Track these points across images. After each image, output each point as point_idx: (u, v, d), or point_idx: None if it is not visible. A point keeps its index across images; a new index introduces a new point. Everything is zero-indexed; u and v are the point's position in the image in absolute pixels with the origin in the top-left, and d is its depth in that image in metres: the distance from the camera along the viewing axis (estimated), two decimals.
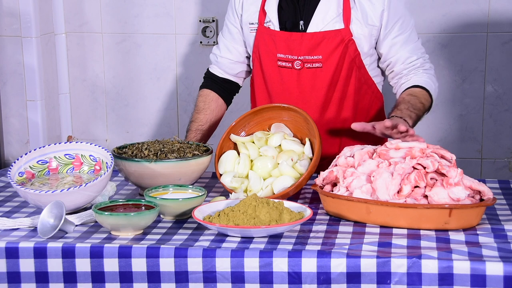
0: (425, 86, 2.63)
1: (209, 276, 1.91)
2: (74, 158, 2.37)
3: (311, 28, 2.64)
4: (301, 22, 2.65)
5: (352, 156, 2.23)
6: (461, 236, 2.03)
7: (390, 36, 2.65)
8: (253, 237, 2.02)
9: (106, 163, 2.29)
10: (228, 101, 2.90)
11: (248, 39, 2.76)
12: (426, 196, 2.11)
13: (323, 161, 2.47)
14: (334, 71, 2.64)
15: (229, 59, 2.82)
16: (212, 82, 2.86)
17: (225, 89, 2.86)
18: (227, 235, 2.03)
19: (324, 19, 2.63)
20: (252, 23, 2.74)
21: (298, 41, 2.64)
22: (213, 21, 3.69)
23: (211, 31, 3.70)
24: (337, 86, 2.66)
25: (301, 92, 2.67)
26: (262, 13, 2.70)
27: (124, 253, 1.94)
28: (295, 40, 2.64)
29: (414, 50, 2.68)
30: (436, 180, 2.12)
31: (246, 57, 2.83)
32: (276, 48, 2.68)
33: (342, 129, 2.70)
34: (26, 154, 2.32)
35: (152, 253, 1.93)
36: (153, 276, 1.93)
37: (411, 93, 2.61)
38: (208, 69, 2.89)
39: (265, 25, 2.69)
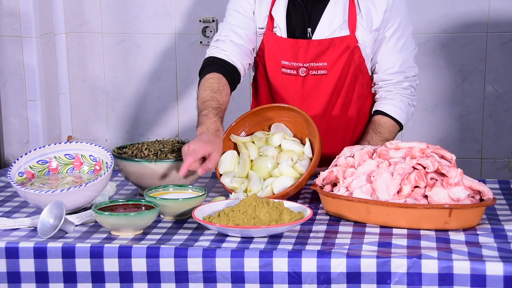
0: (394, 116, 2.63)
1: (209, 276, 1.91)
2: (74, 158, 2.37)
3: (317, 35, 2.61)
4: (309, 30, 2.63)
5: (352, 156, 2.23)
6: (461, 236, 2.02)
7: (383, 40, 2.61)
8: (253, 237, 2.02)
9: (106, 163, 2.29)
10: (232, 89, 2.68)
11: (256, 41, 2.71)
12: (426, 196, 2.11)
13: (324, 165, 2.44)
14: (338, 78, 2.63)
15: (236, 43, 2.65)
16: (219, 67, 2.63)
17: (230, 74, 2.64)
18: (227, 235, 2.03)
19: (330, 26, 2.60)
20: (261, 28, 2.68)
21: (304, 48, 2.61)
22: (213, 21, 3.69)
23: (211, 31, 3.70)
24: (341, 92, 2.65)
25: (305, 99, 2.65)
26: (270, 18, 2.67)
27: (124, 253, 1.93)
28: (301, 47, 2.61)
29: (400, 62, 2.63)
30: (436, 180, 2.12)
31: (253, 49, 2.70)
32: (280, 55, 2.65)
33: (344, 133, 2.69)
34: (26, 154, 2.32)
35: (152, 253, 1.93)
36: (153, 276, 1.93)
37: (377, 128, 2.63)
38: (208, 56, 2.68)
39: (273, 30, 2.66)
